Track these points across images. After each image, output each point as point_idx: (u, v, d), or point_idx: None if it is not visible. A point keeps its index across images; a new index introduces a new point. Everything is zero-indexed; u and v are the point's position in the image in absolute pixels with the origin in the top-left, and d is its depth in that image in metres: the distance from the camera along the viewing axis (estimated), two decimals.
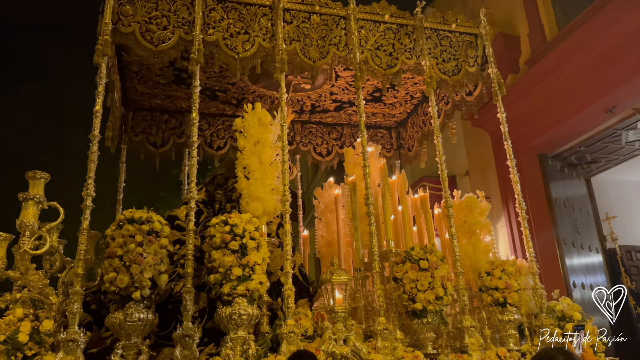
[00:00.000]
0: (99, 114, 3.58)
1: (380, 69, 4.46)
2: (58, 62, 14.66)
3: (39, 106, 15.82)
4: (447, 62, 4.70)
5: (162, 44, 3.94)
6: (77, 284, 3.18)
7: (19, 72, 15.26)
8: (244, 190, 3.84)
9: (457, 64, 4.72)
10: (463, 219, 4.31)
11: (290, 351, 3.33)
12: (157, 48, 3.92)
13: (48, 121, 14.91)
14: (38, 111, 15.78)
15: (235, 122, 4.06)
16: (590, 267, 7.61)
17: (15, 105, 15.14)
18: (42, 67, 15.32)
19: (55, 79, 15.34)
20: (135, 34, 3.88)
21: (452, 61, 4.71)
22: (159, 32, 3.95)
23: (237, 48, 4.11)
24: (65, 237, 3.78)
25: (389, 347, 3.49)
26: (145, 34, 3.92)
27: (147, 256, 3.23)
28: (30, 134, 14.40)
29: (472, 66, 4.75)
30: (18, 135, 14.41)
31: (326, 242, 4.75)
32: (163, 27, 3.98)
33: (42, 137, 15.12)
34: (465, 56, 4.75)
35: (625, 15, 5.76)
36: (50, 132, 15.13)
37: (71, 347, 3.01)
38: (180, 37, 3.98)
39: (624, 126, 6.91)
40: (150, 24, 3.95)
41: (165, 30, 3.97)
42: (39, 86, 15.13)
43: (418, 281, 3.63)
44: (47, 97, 15.22)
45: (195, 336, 3.25)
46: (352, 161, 4.55)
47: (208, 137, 5.81)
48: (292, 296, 3.50)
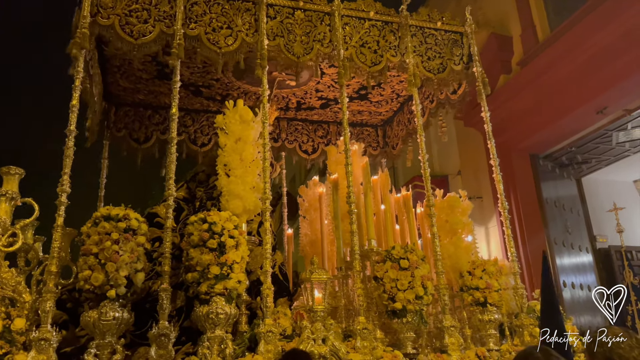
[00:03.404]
0: (76, 109, 3.51)
1: (365, 66, 4.43)
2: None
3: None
4: (432, 60, 4.67)
5: (143, 37, 3.88)
6: (50, 282, 3.13)
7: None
8: (224, 188, 3.79)
9: (443, 62, 4.69)
10: (445, 219, 4.29)
11: (268, 350, 3.30)
12: (137, 41, 3.86)
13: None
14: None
15: (217, 119, 4.01)
16: (580, 266, 7.63)
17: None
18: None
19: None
20: (114, 26, 3.82)
21: (437, 59, 4.68)
22: (139, 26, 3.89)
23: (220, 43, 4.06)
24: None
25: (368, 346, 3.46)
26: (125, 26, 3.86)
27: (123, 254, 3.18)
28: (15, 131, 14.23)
29: (457, 64, 4.72)
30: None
31: (310, 240, 4.70)
32: (144, 21, 3.92)
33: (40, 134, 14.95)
34: (450, 54, 4.72)
35: (616, 17, 5.78)
36: (41, 130, 15.00)
37: (43, 345, 2.95)
38: (162, 30, 3.93)
39: (614, 127, 6.94)
40: (130, 17, 3.89)
41: (145, 24, 3.91)
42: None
43: (398, 280, 3.61)
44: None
45: (171, 335, 3.21)
46: (335, 159, 4.51)
47: (192, 134, 5.75)
48: (271, 295, 3.47)
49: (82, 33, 3.66)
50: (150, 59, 4.80)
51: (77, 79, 3.59)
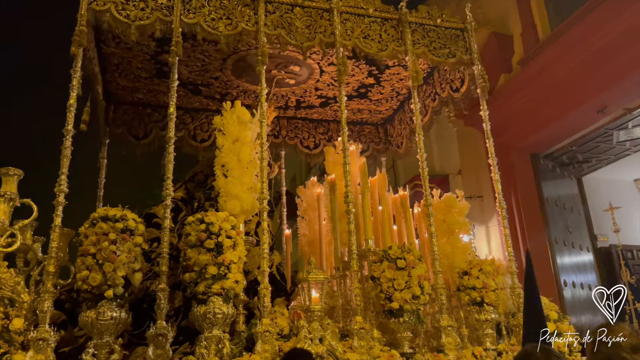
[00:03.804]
0: (73, 108, 3.51)
1: (372, 52, 4.38)
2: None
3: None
4: (439, 49, 4.63)
5: (140, 21, 3.85)
6: (48, 282, 3.15)
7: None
8: (222, 189, 3.80)
9: (450, 52, 4.65)
10: (442, 218, 4.28)
11: (266, 350, 3.31)
12: (133, 23, 3.82)
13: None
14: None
15: (215, 120, 4.02)
16: (580, 265, 7.63)
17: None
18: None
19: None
20: (110, 10, 3.78)
21: (445, 49, 4.65)
22: (135, 11, 3.86)
23: (220, 28, 4.02)
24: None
25: (365, 346, 3.47)
26: (121, 11, 3.83)
27: (120, 254, 3.20)
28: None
29: (465, 54, 4.68)
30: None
31: (308, 240, 4.70)
32: (141, 9, 3.89)
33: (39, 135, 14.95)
34: (456, 45, 4.69)
35: (616, 16, 5.77)
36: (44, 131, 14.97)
37: (41, 345, 2.98)
38: (159, 18, 3.90)
39: (615, 126, 6.93)
40: (127, 4, 3.87)
41: (142, 11, 3.88)
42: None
43: (395, 280, 3.61)
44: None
45: (168, 335, 3.23)
46: (333, 160, 4.51)
47: (192, 130, 5.72)
48: (268, 295, 3.48)
49: (80, 30, 3.65)
50: (149, 57, 4.79)
51: (75, 78, 3.59)
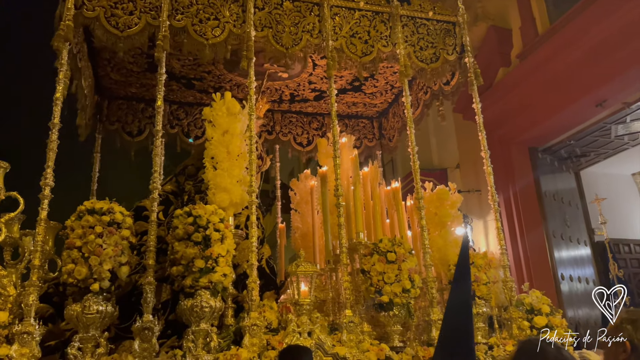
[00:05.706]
0: (59, 102, 3.49)
1: (356, 57, 4.36)
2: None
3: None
4: (425, 50, 4.60)
5: (128, 30, 3.84)
6: (33, 276, 3.12)
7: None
8: (211, 181, 3.76)
9: (435, 52, 4.62)
10: (434, 211, 4.24)
11: (253, 344, 3.28)
12: (122, 33, 3.82)
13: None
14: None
15: (204, 111, 3.97)
16: (578, 259, 7.61)
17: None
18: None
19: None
20: (100, 18, 3.78)
21: (430, 49, 4.61)
22: (124, 17, 3.85)
23: (207, 34, 4.01)
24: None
25: (354, 339, 3.44)
26: (110, 18, 3.82)
27: (106, 247, 3.17)
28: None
29: (450, 54, 4.65)
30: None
31: (302, 233, 4.67)
32: (129, 12, 3.88)
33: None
34: (443, 44, 4.65)
35: (615, 10, 5.73)
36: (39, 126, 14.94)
37: (26, 339, 2.96)
38: (148, 22, 3.88)
39: (613, 120, 6.89)
40: (116, 8, 3.85)
41: (131, 16, 3.87)
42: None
43: (385, 274, 3.58)
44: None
45: (155, 329, 3.20)
46: (325, 152, 4.47)
47: (185, 127, 5.71)
48: (257, 289, 3.45)
49: (66, 25, 3.62)
50: (140, 51, 4.76)
51: (61, 72, 3.56)
